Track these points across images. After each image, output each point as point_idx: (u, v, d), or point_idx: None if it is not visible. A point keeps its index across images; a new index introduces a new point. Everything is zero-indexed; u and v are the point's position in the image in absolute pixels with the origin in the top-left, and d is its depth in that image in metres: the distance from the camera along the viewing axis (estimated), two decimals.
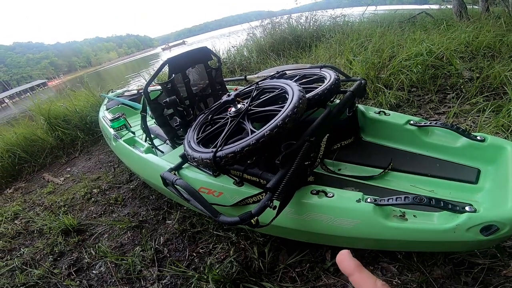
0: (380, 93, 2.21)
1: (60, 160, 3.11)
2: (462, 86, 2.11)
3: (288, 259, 1.17)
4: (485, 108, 1.73)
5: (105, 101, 2.83)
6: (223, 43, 5.39)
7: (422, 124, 1.12)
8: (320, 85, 1.14)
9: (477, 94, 1.96)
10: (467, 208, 0.72)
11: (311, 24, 4.88)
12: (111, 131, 1.91)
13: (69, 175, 2.69)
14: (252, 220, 0.77)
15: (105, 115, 2.34)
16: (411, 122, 1.15)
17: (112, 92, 3.04)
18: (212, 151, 0.86)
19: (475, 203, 0.75)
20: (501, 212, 0.70)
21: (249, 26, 5.57)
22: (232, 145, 0.84)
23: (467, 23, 3.16)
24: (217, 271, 1.13)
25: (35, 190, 2.58)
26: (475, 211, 0.71)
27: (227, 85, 1.93)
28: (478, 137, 1.02)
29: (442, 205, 0.71)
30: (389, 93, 2.16)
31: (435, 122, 1.09)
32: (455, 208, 0.72)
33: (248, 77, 2.22)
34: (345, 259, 0.28)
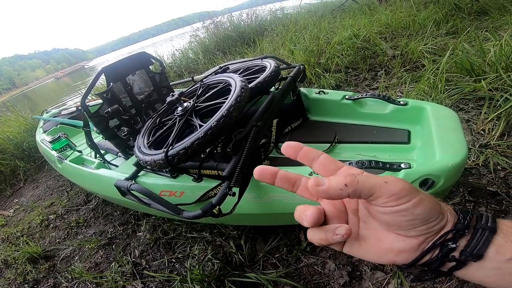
0: (321, 77, 2.38)
1: (4, 193, 2.84)
2: (387, 63, 2.40)
3: (265, 247, 1.21)
4: (406, 80, 2.00)
5: (41, 124, 2.56)
6: (166, 48, 5.22)
7: (356, 97, 1.26)
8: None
9: (401, 68, 2.25)
10: (402, 165, 0.78)
11: (253, 20, 4.99)
12: (54, 153, 1.75)
13: (18, 206, 2.48)
14: (214, 210, 0.79)
15: (43, 138, 2.12)
16: (346, 97, 1.28)
17: (47, 112, 2.75)
18: (163, 151, 0.86)
19: (411, 161, 0.82)
20: (431, 165, 0.77)
21: (191, 28, 5.48)
22: (182, 141, 0.84)
23: (385, 6, 3.56)
24: (197, 272, 1.13)
25: None
26: (410, 167, 0.78)
27: (175, 88, 1.89)
28: (401, 102, 1.16)
29: (381, 165, 0.79)
30: (329, 75, 2.35)
31: (365, 94, 1.23)
32: (392, 166, 0.79)
33: (195, 77, 2.20)
34: (288, 146, 0.31)
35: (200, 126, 0.90)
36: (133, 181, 1.09)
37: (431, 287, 0.92)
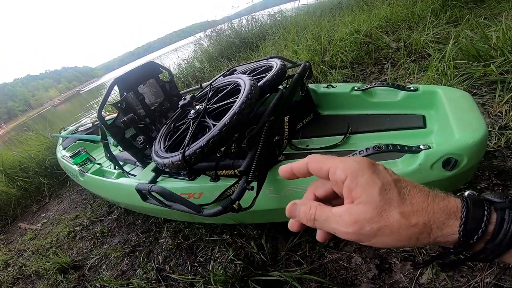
0: (327, 74, 2.39)
1: (31, 209, 2.97)
2: (393, 56, 2.38)
3: (286, 245, 1.20)
4: (414, 70, 1.98)
5: (60, 141, 2.67)
6: (172, 60, 5.37)
7: (365, 87, 1.26)
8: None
9: (407, 59, 2.22)
10: (421, 147, 0.77)
11: (253, 25, 5.07)
12: (75, 167, 1.82)
13: (45, 220, 2.60)
14: (234, 205, 0.80)
15: (63, 155, 2.22)
16: (355, 88, 1.28)
17: (65, 130, 2.87)
18: (180, 152, 0.88)
19: (430, 143, 0.80)
20: (452, 144, 0.76)
21: (194, 38, 5.61)
22: (198, 141, 0.87)
23: (382, 1, 3.55)
24: (220, 273, 1.14)
25: (16, 240, 2.47)
26: (429, 147, 0.77)
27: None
28: (412, 88, 1.14)
29: (399, 148, 0.76)
30: (335, 72, 2.35)
31: (373, 83, 1.23)
32: (411, 148, 0.77)
33: (203, 84, 2.25)
34: (283, 170, 0.36)
35: (214, 125, 0.92)
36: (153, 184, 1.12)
37: (470, 275, 0.88)
